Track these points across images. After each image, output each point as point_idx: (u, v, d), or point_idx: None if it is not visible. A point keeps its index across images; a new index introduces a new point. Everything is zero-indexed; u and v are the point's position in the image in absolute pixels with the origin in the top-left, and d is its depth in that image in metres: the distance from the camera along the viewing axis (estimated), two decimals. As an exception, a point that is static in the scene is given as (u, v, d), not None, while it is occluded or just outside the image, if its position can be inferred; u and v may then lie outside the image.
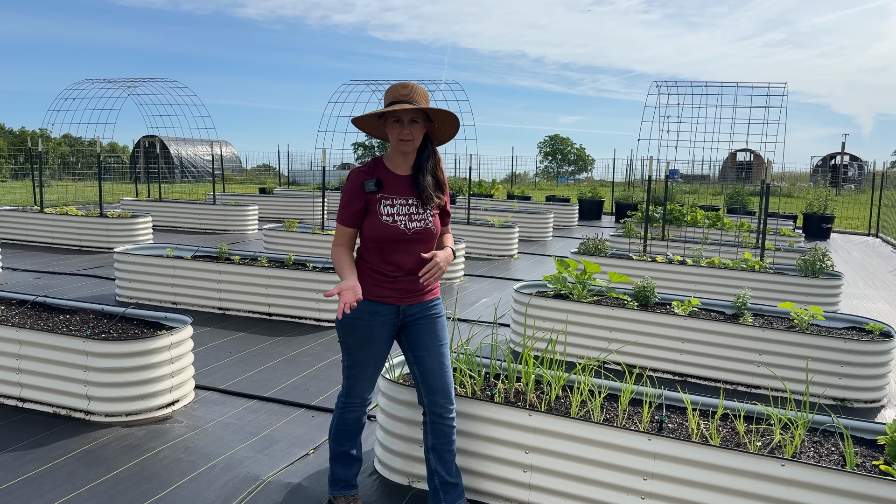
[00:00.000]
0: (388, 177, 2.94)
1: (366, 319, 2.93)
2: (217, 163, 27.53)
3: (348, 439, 3.20)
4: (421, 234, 2.92)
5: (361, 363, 3.03)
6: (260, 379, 5.05)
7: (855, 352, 4.82)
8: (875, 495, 2.70)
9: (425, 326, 3.03)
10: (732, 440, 3.16)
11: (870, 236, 16.65)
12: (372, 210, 2.90)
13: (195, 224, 13.97)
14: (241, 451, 3.88)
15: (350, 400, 3.13)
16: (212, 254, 7.52)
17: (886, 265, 11.83)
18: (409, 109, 2.82)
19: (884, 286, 9.75)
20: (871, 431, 3.25)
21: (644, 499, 3.06)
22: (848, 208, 23.14)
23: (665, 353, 5.36)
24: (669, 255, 8.49)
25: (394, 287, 2.95)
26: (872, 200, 17.82)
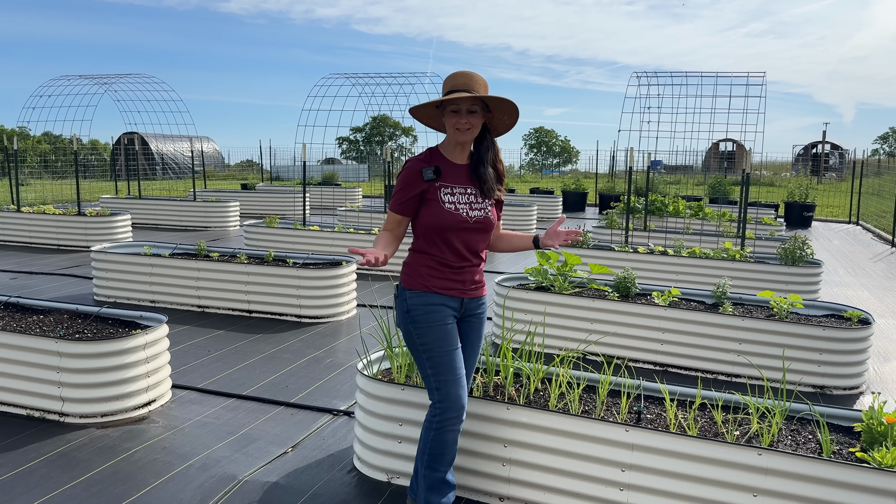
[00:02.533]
0: (446, 165, 2.87)
1: (438, 311, 2.83)
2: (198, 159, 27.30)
3: (446, 463, 2.89)
4: (482, 223, 2.87)
5: (448, 361, 2.81)
6: (239, 377, 5.00)
7: (833, 339, 4.84)
8: (851, 482, 2.70)
9: (476, 325, 2.99)
10: (710, 430, 3.16)
11: (850, 224, 16.79)
12: (432, 198, 2.82)
13: (176, 221, 13.84)
14: (218, 451, 3.83)
15: (447, 416, 2.81)
16: (190, 251, 7.44)
17: (866, 252, 11.93)
18: (468, 98, 2.74)
19: (863, 273, 9.82)
20: (847, 419, 3.25)
21: (623, 490, 3.05)
22: (829, 197, 23.33)
23: (646, 343, 5.36)
24: (651, 246, 8.51)
25: (458, 278, 2.88)
26: (853, 189, 17.97)
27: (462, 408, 2.84)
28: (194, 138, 16.71)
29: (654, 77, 10.74)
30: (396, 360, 3.75)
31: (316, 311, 6.52)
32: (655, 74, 10.71)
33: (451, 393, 2.81)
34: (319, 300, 6.52)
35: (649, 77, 10.75)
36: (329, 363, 5.32)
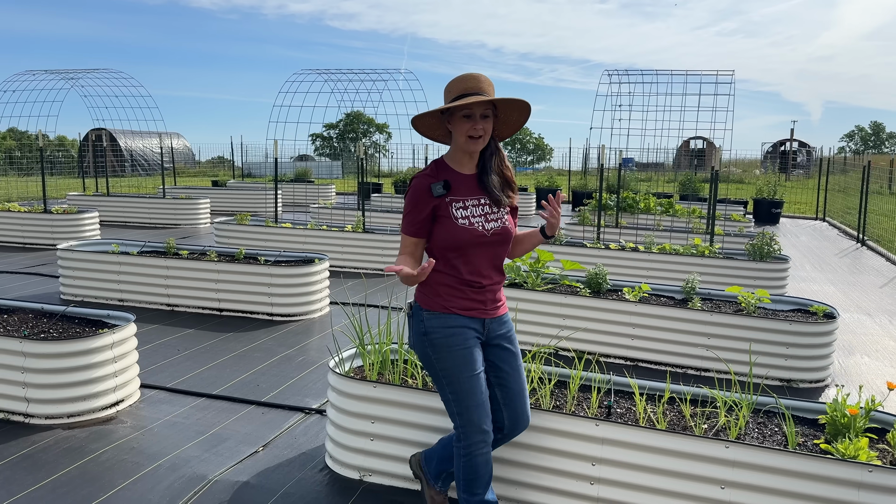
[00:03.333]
0: (455, 177, 2.69)
1: (459, 334, 2.67)
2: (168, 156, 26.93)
3: (482, 485, 2.76)
4: (500, 234, 2.70)
5: (469, 388, 2.66)
6: (209, 376, 4.94)
7: (799, 333, 4.93)
8: (816, 473, 2.75)
9: (509, 345, 2.81)
10: (679, 423, 3.20)
11: (817, 220, 17.10)
12: (444, 215, 2.64)
13: (145, 219, 13.64)
14: (187, 451, 3.79)
15: (472, 441, 2.69)
16: (159, 249, 7.34)
17: (833, 248, 12.17)
18: (482, 102, 2.55)
19: (830, 269, 10.01)
20: (812, 411, 3.32)
21: (593, 483, 3.08)
22: (797, 193, 23.74)
23: (617, 338, 5.41)
24: (622, 242, 8.58)
25: (479, 298, 2.71)
26: (820, 185, 18.30)
27: (485, 431, 2.70)
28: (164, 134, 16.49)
29: (626, 75, 10.83)
30: (369, 358, 3.74)
31: (288, 308, 6.48)
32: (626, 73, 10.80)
33: (472, 419, 2.67)
34: (291, 298, 6.47)
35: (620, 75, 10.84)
36: (301, 361, 5.29)
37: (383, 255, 8.88)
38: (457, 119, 2.61)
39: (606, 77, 10.89)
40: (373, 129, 52.62)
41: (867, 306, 7.60)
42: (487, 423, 2.71)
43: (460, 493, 2.78)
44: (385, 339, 3.79)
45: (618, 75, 10.84)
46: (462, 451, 2.72)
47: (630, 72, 10.82)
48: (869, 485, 2.68)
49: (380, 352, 3.72)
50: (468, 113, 2.58)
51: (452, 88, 2.63)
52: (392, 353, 3.86)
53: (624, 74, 10.85)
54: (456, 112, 2.60)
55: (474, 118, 2.58)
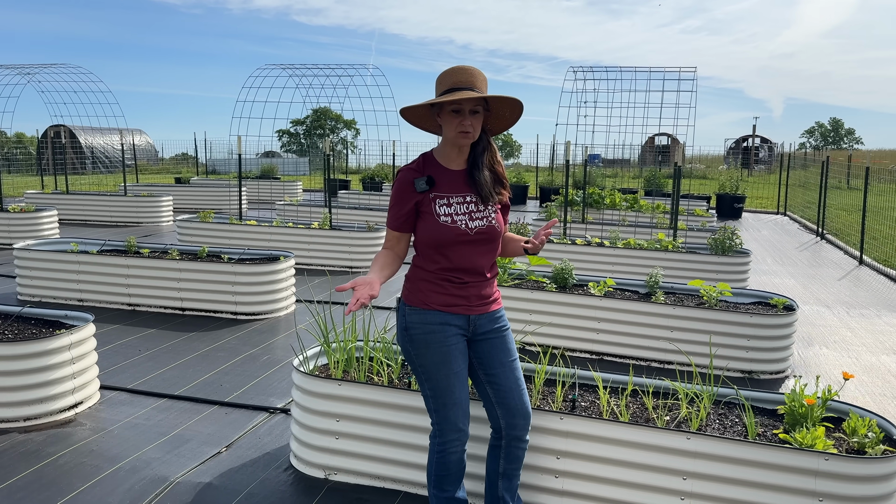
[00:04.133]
0: (441, 173, 2.62)
1: (438, 332, 2.60)
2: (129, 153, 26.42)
3: (453, 483, 2.73)
4: (484, 233, 2.61)
5: (446, 385, 2.62)
6: (171, 376, 4.86)
7: (760, 325, 5.02)
8: (775, 463, 2.80)
9: (497, 341, 2.71)
10: (642, 416, 3.23)
11: (779, 215, 17.45)
12: (426, 211, 2.58)
13: (106, 217, 13.37)
14: (148, 453, 3.72)
15: (447, 438, 2.66)
16: (120, 247, 7.20)
17: (793, 242, 12.42)
18: (473, 98, 2.48)
19: (790, 262, 10.22)
20: (772, 402, 3.38)
21: (557, 477, 3.09)
22: (759, 188, 24.19)
23: (582, 333, 5.45)
24: (588, 238, 8.66)
25: (462, 294, 2.63)
26: (781, 180, 18.67)
27: (461, 430, 2.66)
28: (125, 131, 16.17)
29: (590, 72, 10.91)
30: (334, 356, 3.71)
31: (252, 307, 6.40)
32: (591, 69, 10.88)
33: (448, 416, 2.64)
34: (256, 296, 6.40)
35: (585, 72, 10.92)
36: (266, 360, 5.23)
37: (350, 251, 8.84)
38: (446, 113, 2.54)
39: (572, 74, 10.96)
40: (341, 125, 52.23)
41: (826, 298, 7.78)
42: (464, 422, 2.67)
43: (430, 489, 2.77)
44: (350, 337, 3.76)
45: (583, 72, 10.92)
46: (437, 447, 2.71)
47: (595, 69, 10.91)
48: (825, 473, 2.74)
49: (345, 349, 3.69)
50: (457, 108, 2.51)
51: (443, 81, 2.56)
52: (357, 350, 3.84)
53: (589, 71, 10.94)
54: (445, 106, 2.53)
55: (463, 113, 2.51)
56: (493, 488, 2.79)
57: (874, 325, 6.69)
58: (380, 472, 3.39)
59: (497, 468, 2.76)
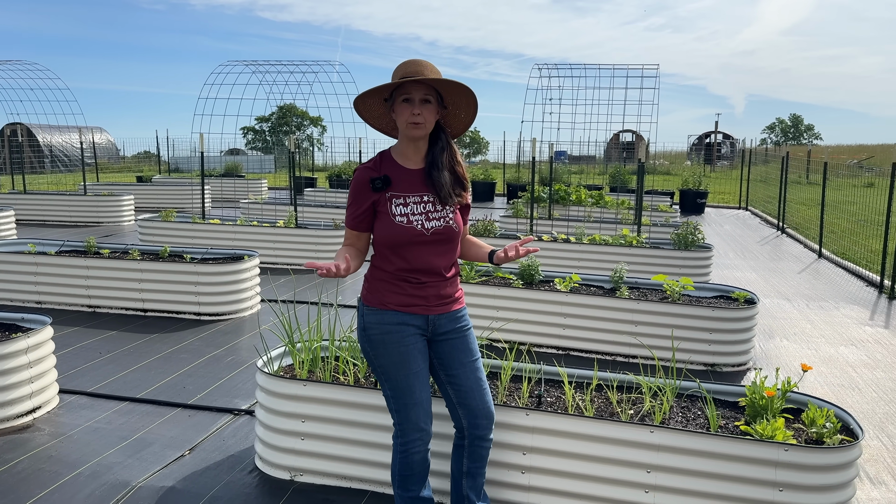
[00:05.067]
0: (398, 172, 2.59)
1: (395, 332, 2.58)
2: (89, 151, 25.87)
3: (417, 482, 2.71)
4: (441, 234, 2.58)
5: (406, 386, 2.60)
6: (132, 379, 4.77)
7: (721, 319, 5.10)
8: (736, 454, 2.85)
9: (458, 341, 2.69)
10: (606, 410, 3.26)
11: (740, 210, 17.76)
12: (382, 211, 2.55)
13: (65, 217, 13.06)
14: (109, 457, 3.64)
15: (409, 438, 2.65)
16: (79, 248, 7.04)
17: (755, 236, 12.65)
18: (421, 85, 2.46)
19: (752, 256, 10.41)
20: (733, 394, 3.43)
21: (524, 473, 3.11)
22: (721, 184, 24.60)
23: (549, 328, 5.48)
24: (554, 234, 8.71)
25: (420, 294, 2.60)
26: (742, 176, 19.00)
27: (423, 430, 2.65)
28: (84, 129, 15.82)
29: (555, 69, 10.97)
30: (298, 356, 3.67)
31: (216, 307, 6.31)
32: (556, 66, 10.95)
33: (409, 416, 2.63)
34: (220, 296, 6.31)
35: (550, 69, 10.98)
36: (230, 361, 5.16)
37: (317, 250, 8.76)
38: (398, 105, 2.51)
39: (536, 71, 11.01)
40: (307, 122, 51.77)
41: (786, 291, 7.94)
42: (426, 421, 2.66)
43: (395, 489, 2.76)
44: (315, 337, 3.73)
45: (547, 69, 10.98)
46: (399, 447, 2.70)
47: (560, 66, 10.98)
48: (785, 463, 2.79)
49: (310, 349, 3.66)
50: (408, 97, 2.48)
51: (395, 73, 2.54)
52: (323, 350, 3.81)
53: (553, 68, 11.00)
54: (397, 97, 2.51)
55: (413, 102, 2.48)
56: (458, 487, 2.79)
57: (833, 316, 6.85)
58: (346, 473, 3.37)
59: (461, 467, 2.76)
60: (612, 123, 10.67)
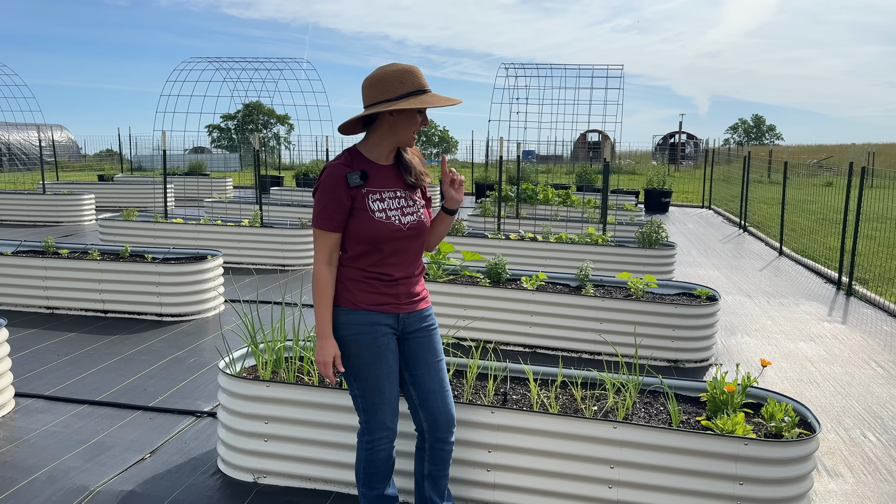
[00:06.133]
0: (372, 168, 2.55)
1: (368, 332, 2.54)
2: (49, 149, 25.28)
3: (381, 480, 2.71)
4: (416, 228, 2.59)
5: (375, 386, 2.57)
6: (92, 382, 4.66)
7: (684, 315, 5.17)
8: (697, 449, 2.88)
9: (424, 340, 2.67)
10: (571, 407, 3.28)
11: (704, 208, 18.04)
12: (359, 207, 2.49)
13: (23, 216, 12.75)
14: (67, 462, 3.56)
15: (375, 436, 2.64)
16: (37, 248, 6.87)
17: (717, 234, 12.86)
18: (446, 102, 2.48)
19: (714, 254, 10.58)
20: (695, 389, 3.48)
21: (489, 471, 3.11)
22: (685, 183, 24.97)
23: (516, 326, 5.50)
24: (522, 233, 8.75)
25: (392, 292, 2.58)
26: (706, 175, 19.30)
27: (390, 429, 2.65)
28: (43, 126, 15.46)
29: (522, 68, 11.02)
30: (262, 357, 3.62)
31: (178, 308, 6.20)
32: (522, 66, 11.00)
33: (377, 415, 2.61)
34: (182, 297, 6.20)
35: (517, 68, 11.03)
36: (192, 363, 5.08)
37: (283, 249, 8.68)
38: (407, 114, 2.50)
39: (503, 70, 11.05)
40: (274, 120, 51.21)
41: (748, 288, 8.08)
42: (392, 420, 2.65)
43: (360, 487, 2.74)
44: (279, 337, 3.69)
45: (514, 68, 11.02)
46: (364, 445, 2.68)
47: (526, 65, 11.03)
48: (745, 457, 2.83)
49: (273, 350, 3.62)
50: (421, 109, 2.52)
51: (405, 81, 2.46)
52: (287, 350, 3.77)
53: (520, 68, 11.05)
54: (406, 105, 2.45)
55: (423, 114, 2.53)
56: (420, 489, 2.77)
57: (793, 313, 6.99)
58: (310, 474, 3.34)
59: (422, 470, 2.73)
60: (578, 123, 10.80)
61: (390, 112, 2.49)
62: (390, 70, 2.48)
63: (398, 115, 2.50)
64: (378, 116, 2.54)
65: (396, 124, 2.52)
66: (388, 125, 2.53)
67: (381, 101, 2.47)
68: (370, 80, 2.50)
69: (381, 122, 2.54)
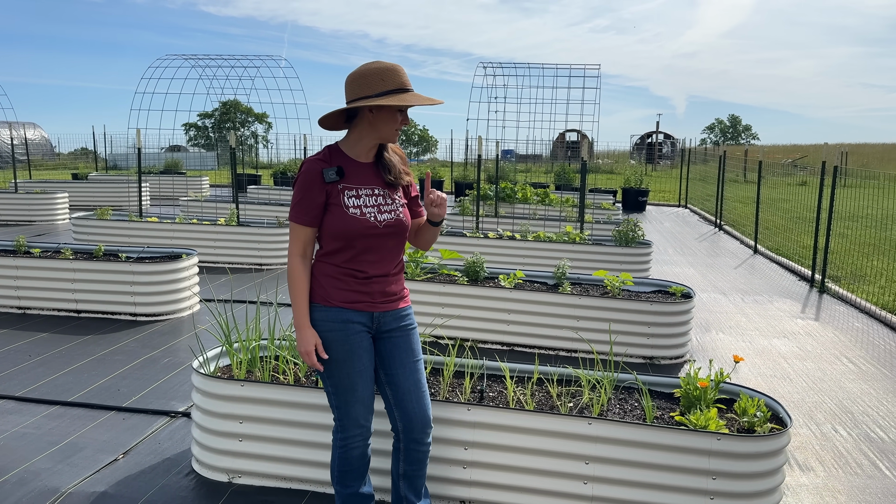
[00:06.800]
0: (350, 164, 2.55)
1: (340, 329, 2.53)
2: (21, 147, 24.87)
3: (356, 478, 2.71)
4: (393, 226, 2.56)
5: (348, 383, 2.57)
6: (64, 382, 4.60)
7: (659, 313, 5.22)
8: (671, 444, 2.91)
9: (401, 340, 2.65)
10: (547, 403, 3.29)
11: (680, 207, 18.21)
12: (335, 203, 2.49)
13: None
14: (38, 463, 3.50)
15: (348, 434, 2.63)
16: (8, 247, 6.76)
17: (693, 233, 12.99)
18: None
19: (690, 252, 10.69)
20: (669, 385, 3.51)
21: (465, 468, 3.11)
22: (662, 182, 25.18)
23: (494, 324, 5.51)
24: (500, 231, 8.77)
25: (366, 290, 2.57)
26: (682, 175, 19.48)
27: (363, 426, 2.64)
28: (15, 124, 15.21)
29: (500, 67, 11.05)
30: (236, 356, 3.60)
31: (153, 308, 6.14)
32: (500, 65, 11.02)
33: (350, 413, 2.61)
34: (157, 296, 6.13)
35: (495, 67, 11.05)
36: (167, 363, 5.02)
37: (259, 248, 8.62)
38: (387, 112, 2.50)
39: (481, 69, 11.06)
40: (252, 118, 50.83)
41: (723, 286, 8.17)
42: (366, 418, 2.64)
43: (334, 485, 2.74)
44: (254, 336, 3.66)
45: (492, 67, 11.04)
46: (339, 443, 2.67)
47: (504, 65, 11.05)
48: (718, 452, 2.86)
49: (248, 349, 3.59)
50: (401, 107, 2.51)
51: (387, 79, 2.46)
52: (262, 349, 3.74)
53: (498, 67, 11.07)
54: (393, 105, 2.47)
55: (404, 112, 2.53)
56: (396, 488, 2.77)
57: (767, 310, 7.08)
58: (286, 473, 3.32)
59: (398, 469, 2.73)
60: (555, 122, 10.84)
61: (370, 109, 2.50)
62: (373, 67, 2.49)
63: (378, 111, 2.50)
64: (359, 113, 2.54)
65: (376, 121, 2.52)
66: (368, 122, 2.53)
67: (361, 98, 2.48)
68: (353, 75, 2.52)
69: (362, 119, 2.54)
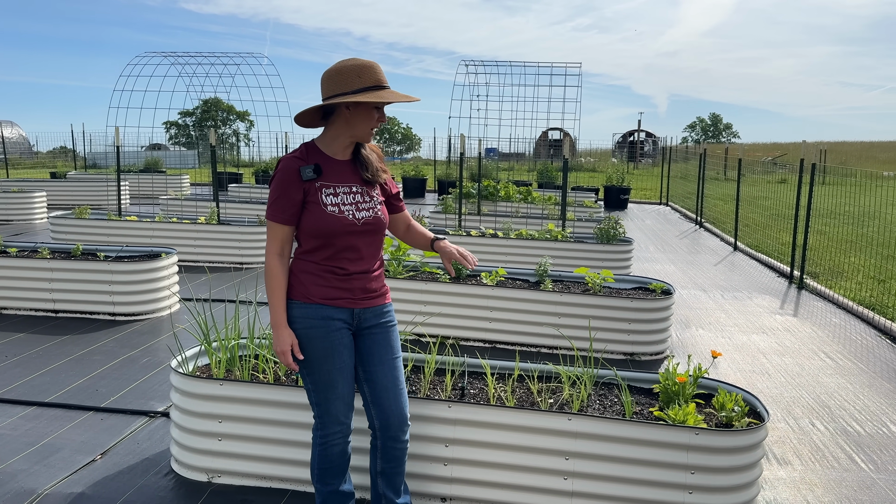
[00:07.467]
0: (327, 162, 2.54)
1: (319, 326, 2.53)
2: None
3: (336, 476, 2.70)
4: (371, 224, 2.56)
5: (327, 380, 2.57)
6: (41, 383, 4.54)
7: (639, 309, 5.25)
8: (649, 439, 2.93)
9: (380, 336, 2.65)
10: (527, 400, 3.30)
11: (661, 205, 18.33)
12: (312, 201, 2.49)
13: (-30, 215, 12.34)
14: (14, 465, 3.46)
15: (328, 431, 2.63)
16: (-17, 247, 6.65)
17: (674, 230, 13.08)
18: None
19: (671, 249, 10.76)
20: (648, 381, 3.53)
21: (446, 465, 3.11)
22: (644, 180, 25.33)
23: (476, 322, 5.52)
24: (483, 229, 8.78)
25: (346, 287, 2.56)
26: (663, 172, 19.61)
27: (343, 424, 2.64)
28: (-9, 122, 14.97)
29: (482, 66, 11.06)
30: (215, 355, 3.57)
31: (132, 307, 6.08)
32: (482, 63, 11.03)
33: (330, 410, 2.60)
34: (136, 296, 6.08)
35: (477, 65, 11.05)
36: (146, 363, 4.98)
37: (240, 247, 8.56)
38: (364, 109, 2.49)
39: (464, 67, 11.07)
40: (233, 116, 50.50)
41: (703, 283, 8.24)
42: (346, 415, 2.65)
43: (315, 483, 2.73)
44: (233, 335, 3.64)
45: (474, 66, 11.04)
46: (318, 440, 2.67)
47: (486, 63, 11.06)
48: (696, 446, 2.89)
49: (227, 348, 3.57)
50: (378, 105, 2.50)
51: (363, 76, 2.46)
52: (242, 348, 3.72)
53: (480, 65, 11.08)
54: (369, 102, 2.48)
55: (381, 110, 2.52)
56: (375, 486, 2.76)
57: (746, 306, 7.15)
58: (265, 472, 3.30)
59: (376, 467, 2.72)
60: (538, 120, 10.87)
61: (346, 106, 2.49)
62: (349, 64, 2.49)
63: (354, 109, 2.50)
64: (335, 110, 2.53)
65: (353, 118, 2.51)
66: (344, 119, 2.53)
67: (337, 94, 2.47)
68: (329, 72, 2.51)
69: (338, 116, 2.54)
